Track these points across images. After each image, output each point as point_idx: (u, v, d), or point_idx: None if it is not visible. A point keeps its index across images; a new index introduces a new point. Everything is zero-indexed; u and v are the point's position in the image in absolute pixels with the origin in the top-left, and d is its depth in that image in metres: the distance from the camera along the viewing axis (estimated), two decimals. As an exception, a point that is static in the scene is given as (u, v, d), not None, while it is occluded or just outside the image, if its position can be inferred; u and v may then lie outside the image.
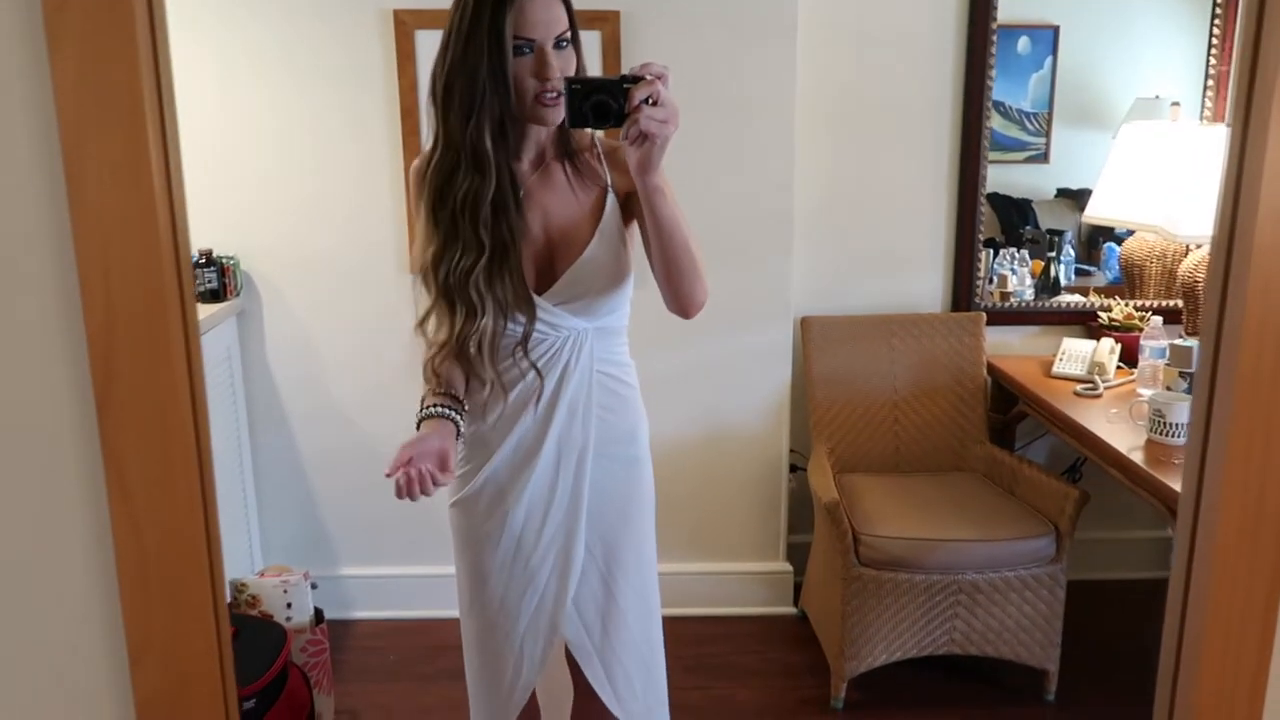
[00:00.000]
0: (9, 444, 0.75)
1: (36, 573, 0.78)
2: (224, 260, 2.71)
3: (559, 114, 1.51)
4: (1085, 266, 3.20)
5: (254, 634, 2.20)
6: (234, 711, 0.78)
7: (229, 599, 2.33)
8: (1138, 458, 2.19)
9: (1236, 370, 0.73)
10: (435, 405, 1.59)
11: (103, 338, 0.66)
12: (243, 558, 2.81)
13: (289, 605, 2.35)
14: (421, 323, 1.59)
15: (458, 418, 1.59)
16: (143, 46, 0.63)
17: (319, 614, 2.42)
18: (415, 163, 1.60)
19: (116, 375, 0.67)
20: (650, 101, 1.34)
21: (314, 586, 2.50)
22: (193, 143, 2.63)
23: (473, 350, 1.54)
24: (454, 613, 1.77)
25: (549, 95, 1.48)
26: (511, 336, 1.56)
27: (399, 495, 1.47)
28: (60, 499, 0.75)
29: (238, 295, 2.75)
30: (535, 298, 1.56)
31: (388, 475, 1.46)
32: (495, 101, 1.47)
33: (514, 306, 1.53)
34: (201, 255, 2.68)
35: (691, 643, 2.80)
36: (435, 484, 1.47)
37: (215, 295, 2.70)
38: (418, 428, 1.58)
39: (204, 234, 2.71)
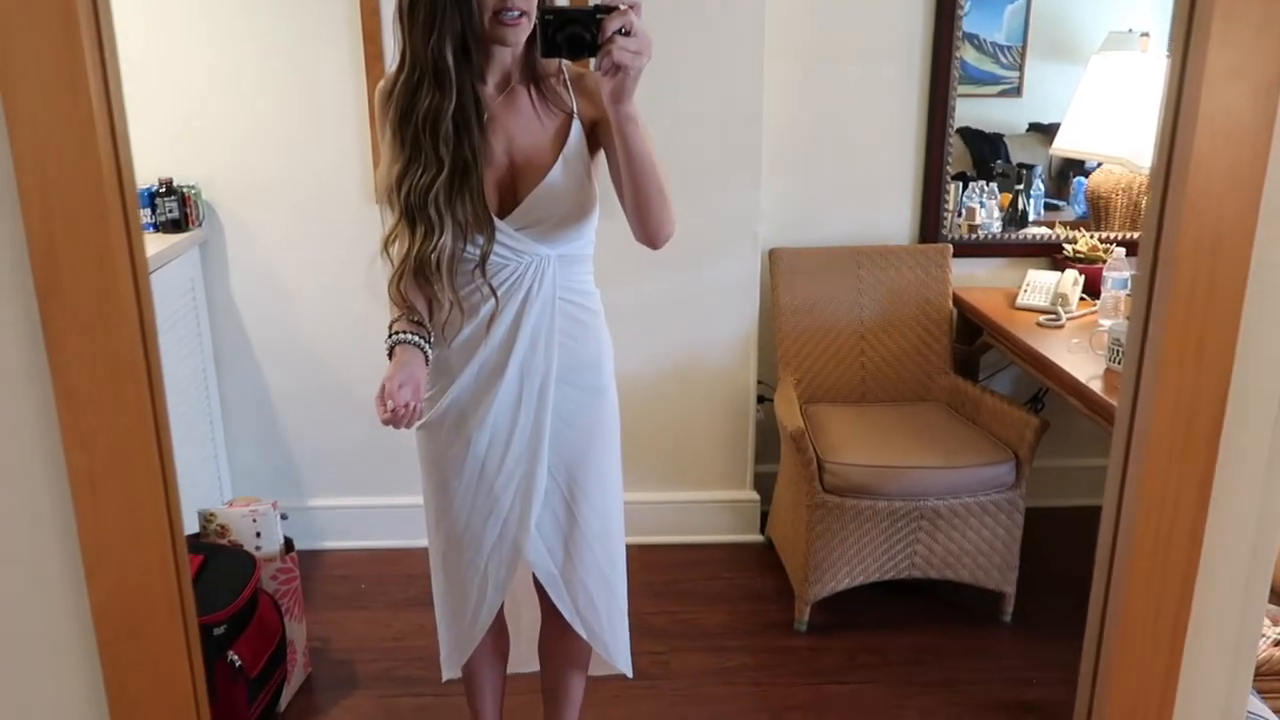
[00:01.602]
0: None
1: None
2: (185, 189, 2.66)
3: (519, 35, 1.50)
4: (1054, 201, 3.21)
5: (223, 562, 2.22)
6: (192, 619, 0.79)
7: (198, 528, 2.34)
8: (1096, 386, 2.23)
9: (1171, 287, 0.75)
10: (403, 332, 1.60)
11: (43, 242, 0.65)
12: (211, 490, 2.81)
13: (258, 535, 2.36)
14: (386, 244, 1.59)
15: (426, 345, 1.61)
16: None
17: (289, 543, 2.44)
18: (380, 84, 1.60)
19: (60, 288, 0.66)
20: (623, 32, 1.33)
21: (284, 517, 2.51)
22: (161, 72, 2.60)
23: (432, 270, 1.54)
24: (423, 542, 1.79)
25: (509, 15, 1.46)
26: (471, 258, 1.56)
27: (394, 425, 1.54)
28: (7, 407, 0.74)
29: (200, 225, 2.71)
30: (496, 220, 1.55)
31: (386, 410, 1.52)
32: (456, 17, 1.46)
33: (473, 227, 1.53)
34: (162, 184, 2.64)
35: (660, 569, 2.85)
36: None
37: (177, 225, 2.65)
38: (389, 354, 1.60)
39: (164, 163, 2.66)
